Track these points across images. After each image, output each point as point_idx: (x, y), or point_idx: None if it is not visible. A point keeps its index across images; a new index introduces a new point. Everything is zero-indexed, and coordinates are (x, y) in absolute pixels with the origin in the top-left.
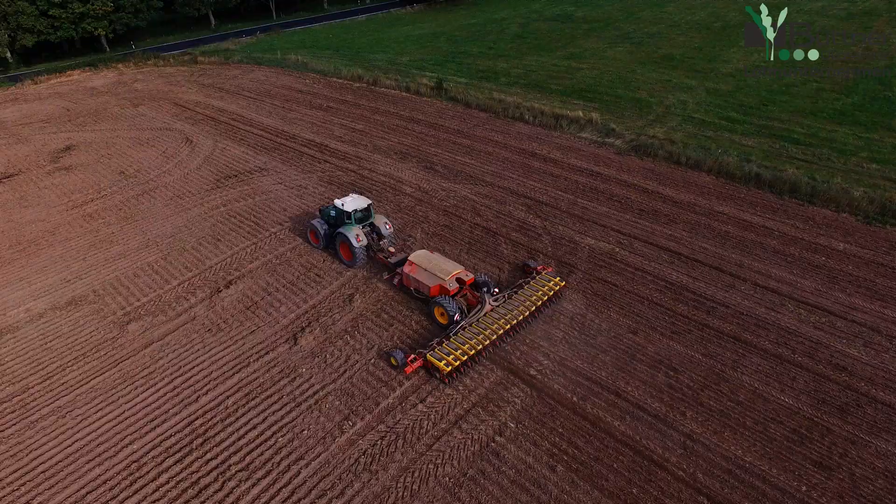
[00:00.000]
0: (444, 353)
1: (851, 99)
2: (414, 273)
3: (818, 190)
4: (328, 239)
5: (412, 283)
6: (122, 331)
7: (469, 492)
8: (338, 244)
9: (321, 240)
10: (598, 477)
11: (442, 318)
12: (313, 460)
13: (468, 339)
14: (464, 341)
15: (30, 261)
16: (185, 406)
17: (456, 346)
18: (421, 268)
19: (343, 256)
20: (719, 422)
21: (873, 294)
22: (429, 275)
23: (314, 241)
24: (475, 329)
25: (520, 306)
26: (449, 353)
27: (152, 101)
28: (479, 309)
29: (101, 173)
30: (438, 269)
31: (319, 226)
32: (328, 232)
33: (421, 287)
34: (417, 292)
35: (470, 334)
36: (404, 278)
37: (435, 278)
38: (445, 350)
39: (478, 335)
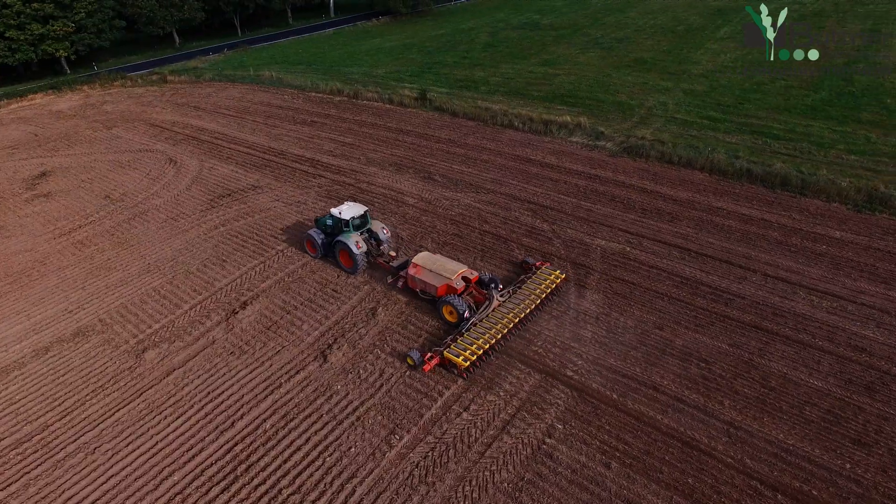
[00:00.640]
0: (461, 349)
1: (819, 95)
2: (419, 274)
3: (808, 182)
4: (326, 248)
5: (418, 284)
6: (138, 360)
7: (529, 495)
8: (337, 252)
9: (318, 249)
10: (653, 470)
11: (451, 316)
12: (366, 477)
13: (481, 334)
14: (477, 336)
15: (24, 293)
16: (222, 432)
17: (470, 342)
18: (426, 269)
19: (343, 264)
20: (757, 408)
21: (876, 277)
22: (435, 275)
23: (311, 251)
24: (486, 324)
25: (525, 300)
26: (465, 348)
27: (126, 123)
28: (487, 305)
29: (84, 198)
30: (444, 269)
31: (316, 235)
32: (326, 241)
33: (427, 288)
34: (423, 293)
35: (482, 329)
36: (409, 280)
37: (441, 278)
38: (461, 346)
39: (490, 330)
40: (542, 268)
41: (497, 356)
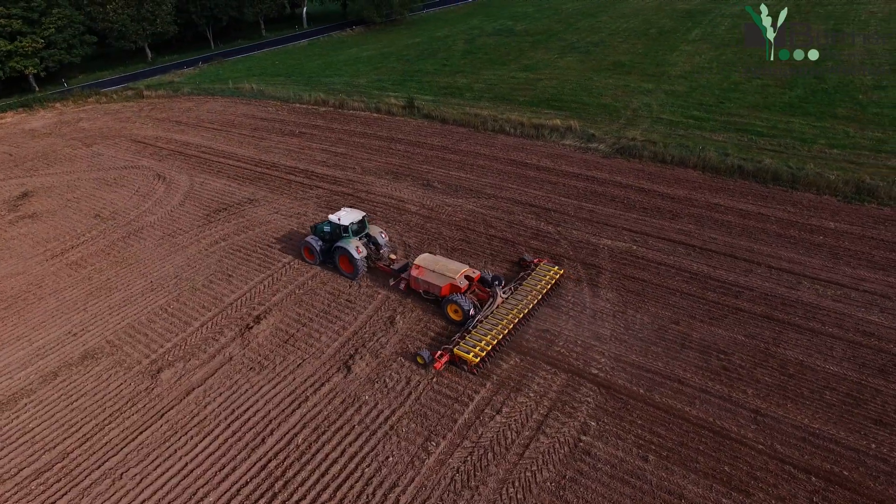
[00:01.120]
0: (470, 346)
1: (795, 93)
2: (422, 275)
3: (797, 176)
4: (325, 255)
5: (421, 285)
6: (154, 380)
7: (573, 493)
8: (336, 258)
9: (317, 256)
10: (689, 460)
11: (456, 314)
12: (408, 486)
13: (488, 330)
14: (485, 332)
15: (22, 317)
16: (253, 450)
17: (479, 338)
18: (429, 270)
19: (343, 269)
20: (779, 395)
21: (874, 265)
22: (438, 275)
23: (309, 258)
24: (492, 321)
25: (528, 296)
26: (474, 345)
27: (106, 140)
28: (491, 302)
29: (72, 218)
30: (447, 269)
31: (314, 242)
32: (324, 248)
33: (431, 288)
34: (427, 294)
35: (489, 325)
36: (412, 282)
37: (445, 278)
38: (470, 343)
39: (496, 325)
40: (540, 264)
41: (521, 358)
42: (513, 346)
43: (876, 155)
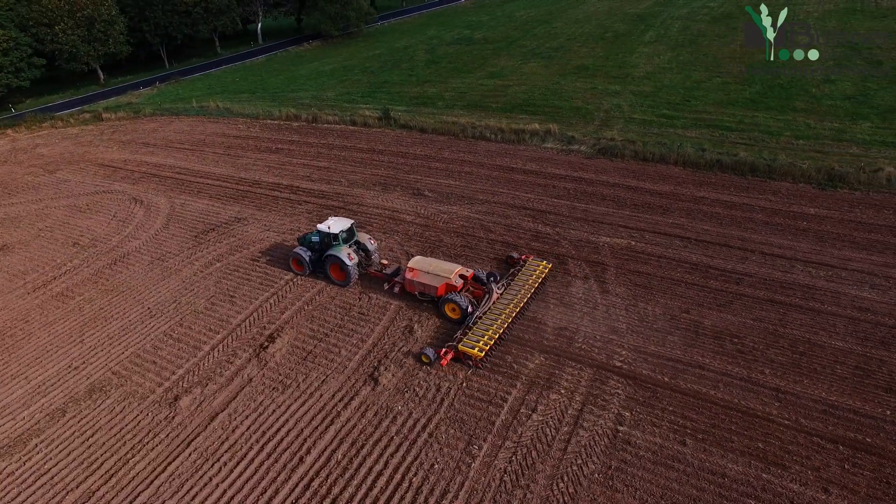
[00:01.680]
0: (474, 342)
1: (754, 89)
2: (417, 277)
3: (773, 167)
4: (315, 265)
5: (416, 287)
6: (173, 409)
7: (621, 481)
8: (328, 267)
9: (306, 267)
10: (724, 441)
11: (453, 313)
12: (459, 491)
13: (489, 325)
14: (486, 327)
15: (13, 354)
16: (292, 470)
17: (481, 333)
18: (423, 272)
19: (335, 278)
20: (794, 372)
21: (857, 245)
22: (433, 276)
23: (298, 269)
24: (491, 316)
25: (521, 291)
26: (477, 340)
27: (70, 165)
28: (487, 298)
29: (48, 248)
30: (441, 270)
31: (303, 253)
32: (313, 258)
33: (427, 289)
34: (422, 295)
35: (489, 320)
36: (407, 284)
37: (440, 278)
38: (473, 338)
39: (496, 321)
40: (528, 260)
41: (545, 356)
42: (535, 346)
43: (838, 144)
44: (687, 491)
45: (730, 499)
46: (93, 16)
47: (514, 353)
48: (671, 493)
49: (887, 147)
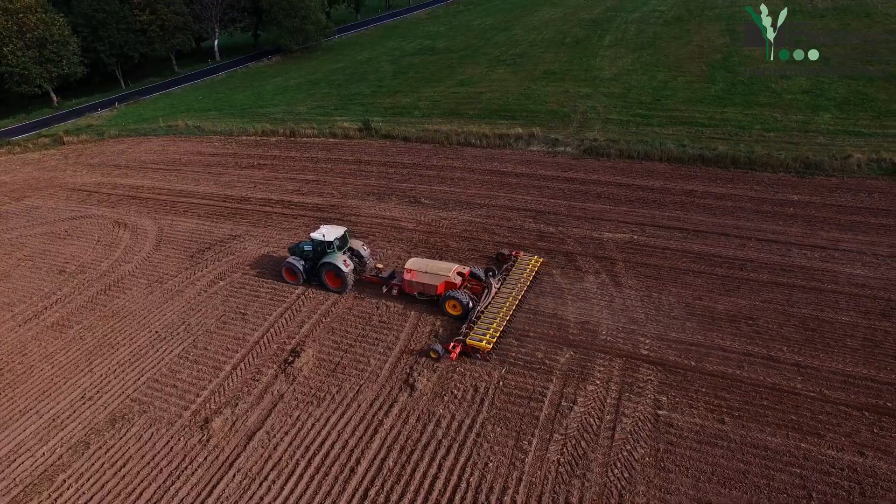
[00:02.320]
0: (480, 335)
1: (717, 86)
2: (415, 278)
3: (752, 159)
4: (309, 273)
5: (415, 287)
6: (205, 431)
7: (672, 462)
8: (323, 275)
9: (299, 276)
10: (759, 416)
11: (454, 309)
12: (518, 486)
13: (492, 318)
14: (490, 321)
15: (17, 390)
16: (345, 482)
17: (486, 326)
18: (421, 272)
19: (330, 285)
20: (810, 347)
21: (842, 227)
22: (431, 276)
23: (291, 279)
24: (493, 310)
25: (518, 284)
26: (484, 333)
27: (37, 191)
28: (487, 293)
29: (31, 278)
30: (439, 269)
31: (296, 263)
32: (307, 267)
33: (426, 289)
34: (421, 295)
35: (491, 314)
36: (406, 286)
37: (439, 277)
38: (480, 332)
39: (498, 314)
40: (520, 256)
41: (574, 350)
42: (562, 341)
43: (805, 134)
44: (734, 465)
45: (776, 469)
46: (44, 36)
47: (544, 350)
48: (720, 468)
49: (850, 135)
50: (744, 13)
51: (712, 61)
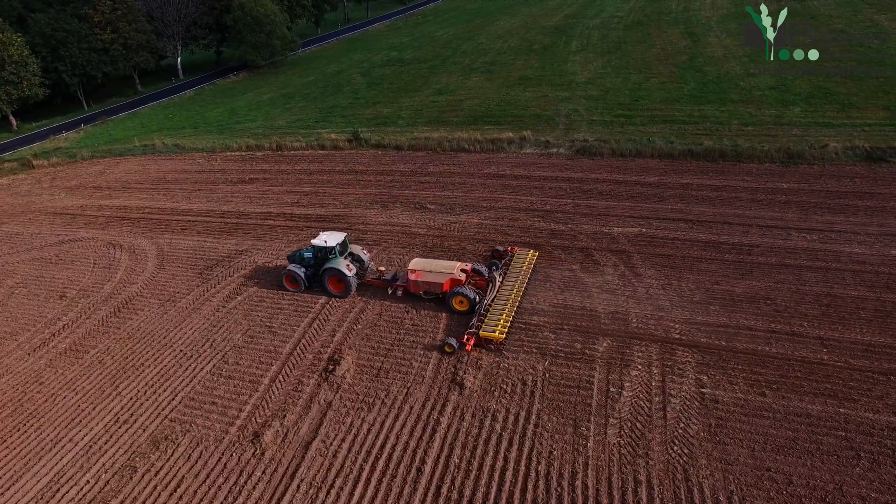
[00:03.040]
0: (492, 326)
1: (690, 86)
2: (420, 277)
3: (738, 152)
4: (311, 280)
5: (421, 287)
6: (257, 445)
7: (726, 435)
8: (325, 280)
9: (301, 283)
10: (796, 387)
11: (461, 305)
12: (586, 470)
13: (500, 310)
14: (498, 312)
15: (42, 420)
16: (415, 482)
17: (496, 318)
18: (426, 271)
19: (333, 290)
20: (828, 321)
21: (833, 210)
22: (437, 274)
23: (292, 286)
24: (499, 302)
25: (519, 277)
26: (495, 324)
27: (14, 217)
28: (492, 287)
29: (29, 305)
30: (443, 267)
31: (298, 271)
32: (309, 274)
33: (432, 287)
34: (427, 293)
35: (499, 306)
36: (411, 286)
37: (444, 275)
38: (491, 324)
39: (505, 305)
40: (515, 251)
41: (610, 339)
42: (596, 331)
43: (780, 127)
44: (784, 434)
45: (821, 434)
46: (2, 57)
47: (581, 340)
48: (772, 437)
49: (822, 126)
50: (699, 17)
51: (679, 62)
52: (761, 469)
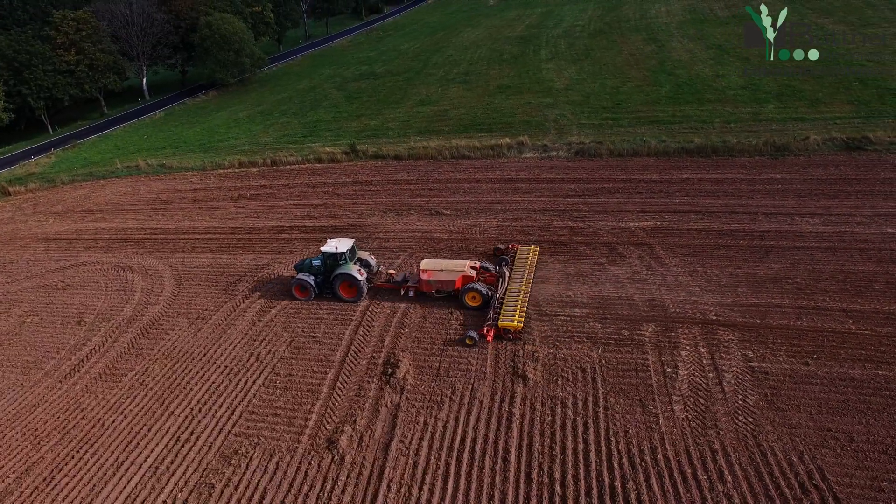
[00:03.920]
0: (509, 317)
1: (666, 88)
2: (433, 277)
3: (728, 147)
4: (321, 287)
5: (433, 286)
6: (335, 451)
7: (783, 401)
8: (336, 286)
9: (311, 291)
10: (834, 356)
11: (474, 301)
12: (665, 444)
13: (512, 301)
14: (513, 303)
15: (97, 445)
16: (504, 470)
17: (512, 309)
18: (437, 270)
19: (345, 296)
20: (847, 295)
21: (828, 195)
22: (448, 273)
23: (302, 295)
24: (511, 295)
25: (525, 271)
26: (512, 315)
27: (3, 245)
28: (502, 281)
29: (46, 333)
30: (454, 266)
31: (307, 279)
32: (319, 281)
33: (444, 285)
34: (439, 292)
35: (512, 298)
36: (423, 285)
37: (456, 273)
38: (508, 315)
39: (517, 296)
40: (517, 248)
41: (654, 325)
42: (639, 318)
43: (759, 123)
44: (834, 397)
45: (868, 394)
46: None
47: (627, 328)
48: (825, 401)
49: (797, 121)
50: (658, 24)
51: (650, 67)
52: (822, 430)
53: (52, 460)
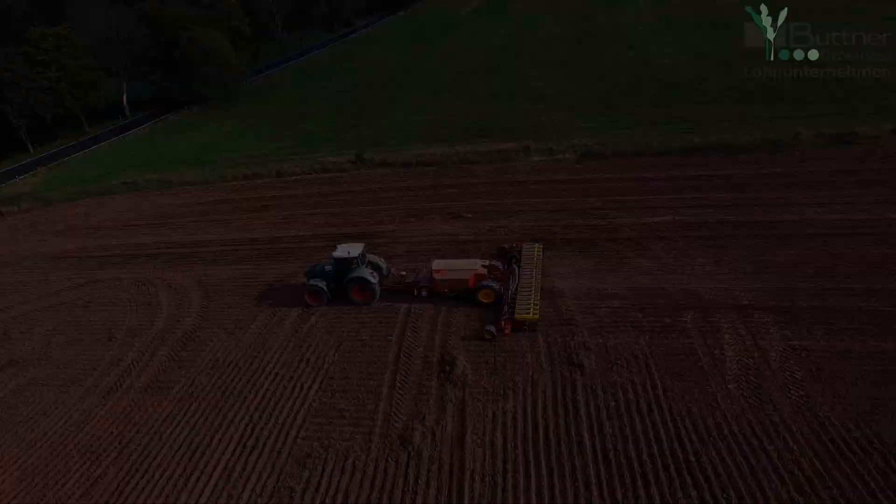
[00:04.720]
0: (526, 309)
1: (653, 92)
2: (445, 276)
3: (728, 144)
4: (334, 292)
5: (446, 285)
6: (409, 448)
7: (829, 375)
8: (350, 290)
9: (324, 296)
10: (867, 331)
11: (487, 298)
12: (728, 419)
13: (525, 295)
14: (526, 297)
15: (159, 458)
16: (582, 455)
17: (526, 302)
18: (450, 270)
19: (358, 299)
20: (868, 276)
21: (829, 186)
22: (460, 272)
23: (315, 301)
24: (523, 290)
25: (534, 267)
26: (527, 308)
27: (8, 266)
28: (513, 277)
29: (77, 350)
30: (466, 265)
31: (319, 284)
32: (331, 286)
33: (457, 284)
34: (452, 291)
35: (524, 293)
36: (436, 285)
37: (468, 272)
38: (523, 308)
39: (529, 291)
40: (523, 245)
41: (693, 311)
42: (675, 307)
43: (750, 121)
44: (872, 368)
45: None
46: None
47: (668, 315)
48: (865, 372)
49: (786, 119)
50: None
51: (633, 73)
52: (870, 399)
53: (115, 474)
